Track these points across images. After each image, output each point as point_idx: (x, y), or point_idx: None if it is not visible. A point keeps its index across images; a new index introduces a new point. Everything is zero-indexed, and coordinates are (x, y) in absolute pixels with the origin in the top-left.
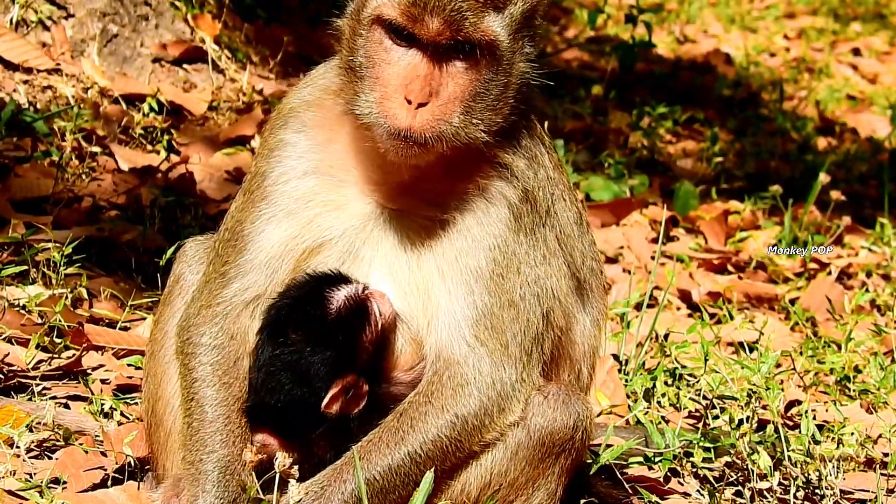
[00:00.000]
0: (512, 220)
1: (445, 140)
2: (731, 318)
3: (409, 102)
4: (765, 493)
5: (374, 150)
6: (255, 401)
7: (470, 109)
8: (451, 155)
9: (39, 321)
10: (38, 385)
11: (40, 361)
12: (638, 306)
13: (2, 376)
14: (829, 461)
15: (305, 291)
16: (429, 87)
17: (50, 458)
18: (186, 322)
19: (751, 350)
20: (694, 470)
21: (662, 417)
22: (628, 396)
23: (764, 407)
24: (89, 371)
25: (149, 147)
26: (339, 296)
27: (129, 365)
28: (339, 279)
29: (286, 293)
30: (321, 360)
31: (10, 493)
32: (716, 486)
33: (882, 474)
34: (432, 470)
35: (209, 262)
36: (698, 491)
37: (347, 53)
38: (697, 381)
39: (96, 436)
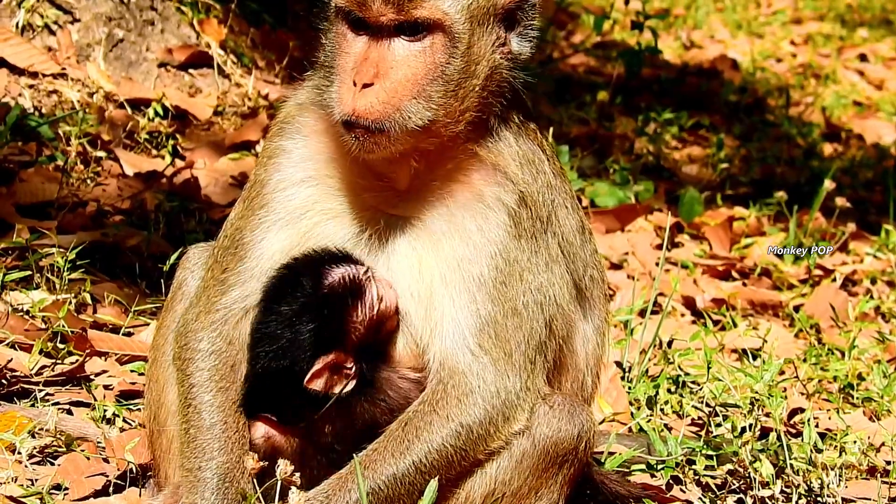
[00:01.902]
0: (512, 227)
1: (396, 124)
2: (735, 325)
3: (355, 85)
4: (767, 500)
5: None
6: (247, 375)
7: (423, 94)
8: (429, 152)
9: (43, 326)
10: (40, 391)
11: (43, 367)
12: (642, 313)
13: (5, 382)
14: (832, 469)
15: (305, 264)
16: (374, 69)
17: (52, 464)
18: (184, 328)
19: (754, 357)
20: (696, 478)
21: (665, 425)
22: (631, 404)
23: (767, 415)
24: (92, 377)
25: (154, 152)
26: (336, 272)
27: (132, 371)
28: (344, 258)
29: (287, 264)
30: (305, 333)
31: (11, 499)
32: (718, 493)
33: (884, 482)
34: (436, 479)
35: (208, 268)
36: (700, 499)
37: (321, 49)
38: (700, 389)
39: (98, 442)
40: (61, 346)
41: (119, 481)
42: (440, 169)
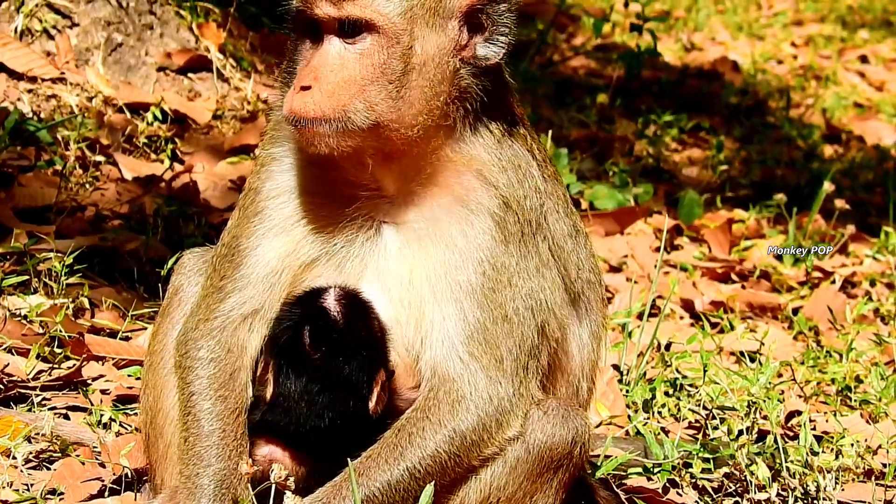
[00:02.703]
0: (497, 231)
1: (335, 124)
2: (733, 327)
3: (295, 89)
4: (763, 503)
5: (340, 159)
6: (296, 427)
7: (364, 95)
8: (398, 155)
9: (40, 331)
10: (37, 395)
11: (40, 372)
12: (640, 315)
13: (1, 386)
14: (828, 472)
15: (302, 313)
16: (313, 73)
17: (48, 469)
18: (184, 336)
19: (752, 360)
20: (693, 481)
21: (662, 428)
22: (628, 407)
23: (764, 417)
24: (89, 381)
25: (153, 156)
26: (331, 301)
27: (129, 375)
28: (321, 291)
29: (280, 325)
30: (358, 365)
31: None
32: (714, 497)
33: (879, 485)
34: (432, 483)
35: (207, 276)
36: (697, 502)
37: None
38: (698, 392)
39: (94, 447)
40: (58, 350)
41: (115, 486)
42: (421, 174)
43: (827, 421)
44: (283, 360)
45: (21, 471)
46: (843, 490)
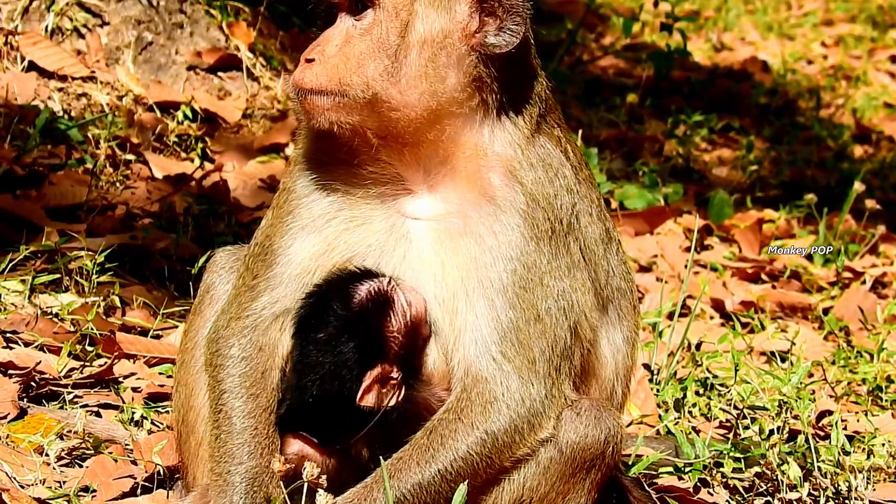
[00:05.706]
0: (526, 229)
1: (333, 95)
2: (763, 327)
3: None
4: (794, 503)
5: (341, 136)
6: (290, 403)
7: (362, 69)
8: (413, 143)
9: (72, 329)
10: (69, 393)
11: (72, 369)
12: (670, 315)
13: (34, 384)
14: (860, 472)
15: (330, 288)
16: (320, 46)
17: (80, 466)
18: (216, 334)
19: (783, 360)
20: (724, 480)
21: (693, 427)
22: (659, 406)
23: (795, 417)
24: (121, 379)
25: (183, 155)
26: (362, 289)
27: (160, 373)
28: (366, 275)
29: (312, 292)
30: (348, 352)
31: (39, 501)
32: (745, 496)
33: None
34: (465, 483)
35: (239, 275)
36: (728, 501)
37: None
38: (728, 391)
39: (126, 444)
40: (90, 348)
41: (147, 483)
42: (443, 165)
43: (858, 421)
44: (296, 327)
45: (53, 468)
46: (874, 490)
